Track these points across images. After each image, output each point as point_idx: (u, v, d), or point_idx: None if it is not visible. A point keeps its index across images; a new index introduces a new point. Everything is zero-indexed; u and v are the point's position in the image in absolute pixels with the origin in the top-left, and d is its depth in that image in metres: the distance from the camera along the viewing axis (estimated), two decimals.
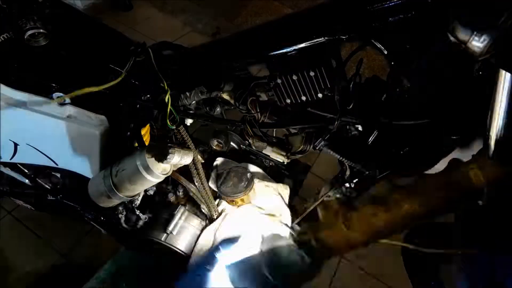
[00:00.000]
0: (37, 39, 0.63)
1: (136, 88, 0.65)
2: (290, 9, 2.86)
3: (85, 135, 0.64)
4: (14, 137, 0.69)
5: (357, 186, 0.70)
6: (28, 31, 0.63)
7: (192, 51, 0.65)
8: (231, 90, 0.69)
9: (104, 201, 0.61)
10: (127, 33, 0.78)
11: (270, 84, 0.58)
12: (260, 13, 2.84)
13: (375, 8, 0.43)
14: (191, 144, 0.64)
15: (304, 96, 0.55)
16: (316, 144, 0.63)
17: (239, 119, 0.67)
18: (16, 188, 1.00)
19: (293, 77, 0.53)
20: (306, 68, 0.52)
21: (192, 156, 0.64)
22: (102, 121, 0.64)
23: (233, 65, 0.61)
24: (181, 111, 0.65)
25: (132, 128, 0.65)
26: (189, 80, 0.66)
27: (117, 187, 0.59)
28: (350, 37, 0.47)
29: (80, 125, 0.63)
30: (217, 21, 2.75)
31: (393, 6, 0.42)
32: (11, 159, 0.74)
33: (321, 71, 0.51)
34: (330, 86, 0.52)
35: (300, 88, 0.54)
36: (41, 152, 0.70)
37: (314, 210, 0.63)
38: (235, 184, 0.77)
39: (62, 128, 0.64)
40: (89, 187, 0.62)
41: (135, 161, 0.57)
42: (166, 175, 0.60)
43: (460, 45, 0.31)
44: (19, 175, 0.94)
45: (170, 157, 0.56)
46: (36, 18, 0.64)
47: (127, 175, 0.58)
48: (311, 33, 0.49)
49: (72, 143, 0.66)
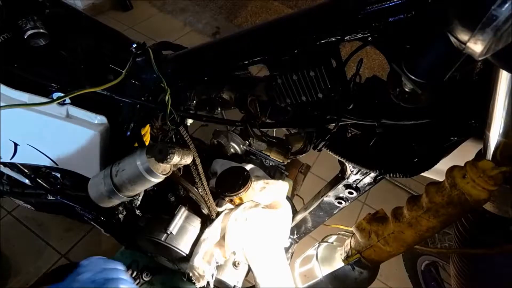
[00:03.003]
0: (37, 39, 0.63)
1: (136, 88, 0.65)
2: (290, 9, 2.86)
3: (85, 135, 0.64)
4: (14, 137, 0.69)
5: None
6: (28, 31, 0.63)
7: (192, 51, 0.65)
8: (231, 90, 0.69)
9: (104, 201, 0.61)
10: (127, 33, 0.78)
11: (270, 84, 0.58)
12: (260, 13, 2.84)
13: (375, 8, 0.43)
14: (191, 144, 0.64)
15: (304, 96, 0.55)
16: (316, 144, 0.63)
17: (239, 119, 0.67)
18: (16, 188, 1.00)
19: (293, 77, 0.53)
20: (306, 68, 0.51)
21: (192, 156, 0.64)
22: (102, 121, 0.64)
23: (233, 65, 0.61)
24: (181, 111, 0.65)
25: (132, 128, 0.65)
26: (189, 80, 0.66)
27: (117, 187, 0.59)
28: (350, 37, 0.47)
29: (80, 125, 0.63)
30: (217, 21, 2.76)
31: (393, 6, 0.42)
32: (11, 159, 0.74)
33: (321, 71, 0.51)
34: (330, 86, 0.52)
35: (300, 88, 0.54)
36: (41, 152, 0.70)
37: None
38: (232, 183, 0.77)
39: (62, 128, 0.64)
40: (89, 187, 0.62)
41: (135, 161, 0.57)
42: (166, 175, 0.60)
43: (460, 45, 0.31)
44: (19, 175, 0.94)
45: (170, 157, 0.56)
46: (36, 18, 0.64)
47: (127, 175, 0.58)
48: (311, 33, 0.49)
49: (72, 143, 0.66)
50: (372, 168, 0.61)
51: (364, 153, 0.61)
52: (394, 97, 0.48)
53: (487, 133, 0.42)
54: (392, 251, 0.57)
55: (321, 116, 0.59)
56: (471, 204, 0.43)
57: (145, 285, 0.88)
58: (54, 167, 0.73)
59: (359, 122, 0.55)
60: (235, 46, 0.59)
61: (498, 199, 0.46)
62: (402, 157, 0.58)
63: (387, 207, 0.61)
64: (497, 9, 0.26)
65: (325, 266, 0.81)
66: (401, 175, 0.59)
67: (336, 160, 0.69)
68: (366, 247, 0.61)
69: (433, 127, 0.53)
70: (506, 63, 0.31)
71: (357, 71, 0.55)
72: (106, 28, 0.79)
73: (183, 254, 0.76)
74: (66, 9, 0.77)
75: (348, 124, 0.60)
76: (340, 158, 0.64)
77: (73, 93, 0.52)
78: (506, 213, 0.47)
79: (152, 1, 2.86)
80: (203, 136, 1.43)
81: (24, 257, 1.37)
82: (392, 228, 0.55)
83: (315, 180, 1.80)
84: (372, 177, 0.68)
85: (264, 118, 0.66)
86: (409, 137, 0.57)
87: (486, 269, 0.54)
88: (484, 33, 0.28)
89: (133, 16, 2.71)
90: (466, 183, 0.43)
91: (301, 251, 0.88)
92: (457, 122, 0.51)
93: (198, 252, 0.73)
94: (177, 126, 0.60)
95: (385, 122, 0.53)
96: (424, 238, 0.52)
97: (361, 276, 0.65)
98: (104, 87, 0.56)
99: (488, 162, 0.43)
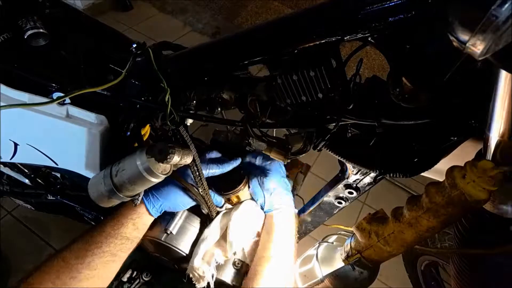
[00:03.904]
0: (37, 39, 0.63)
1: (136, 88, 0.65)
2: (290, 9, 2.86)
3: (85, 135, 0.64)
4: (14, 137, 0.69)
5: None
6: (28, 31, 0.63)
7: (192, 51, 0.65)
8: (231, 90, 0.69)
9: (104, 201, 0.61)
10: (127, 33, 0.78)
11: (270, 84, 0.58)
12: (260, 13, 2.84)
13: (375, 8, 0.43)
14: (191, 144, 0.64)
15: (304, 96, 0.55)
16: (316, 144, 0.63)
17: (239, 119, 0.67)
18: (16, 188, 1.00)
19: (293, 77, 0.53)
20: (306, 68, 0.51)
21: (192, 156, 0.64)
22: (102, 121, 0.64)
23: (233, 65, 0.61)
24: (181, 111, 0.65)
25: (132, 128, 0.65)
26: (189, 80, 0.66)
27: (117, 187, 0.59)
28: (350, 37, 0.47)
29: (80, 125, 0.63)
30: (217, 21, 2.76)
31: (393, 6, 0.42)
32: (11, 159, 0.74)
33: (321, 71, 0.51)
34: (330, 86, 0.52)
35: (300, 88, 0.54)
36: (41, 152, 0.70)
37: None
38: (228, 181, 0.77)
39: (62, 128, 0.64)
40: (89, 187, 0.62)
41: (135, 161, 0.57)
42: (166, 175, 0.60)
43: (460, 45, 0.31)
44: (19, 175, 0.94)
45: (170, 157, 0.56)
46: (36, 18, 0.64)
47: (127, 175, 0.58)
48: (311, 33, 0.49)
49: (72, 143, 0.66)
50: (372, 168, 0.61)
51: (364, 153, 0.61)
52: (394, 97, 0.48)
53: (487, 133, 0.42)
54: (392, 251, 0.57)
55: (321, 116, 0.59)
56: (471, 204, 0.43)
57: (145, 285, 0.88)
58: (54, 167, 0.73)
59: (359, 122, 0.55)
60: (235, 46, 0.59)
61: (498, 199, 0.46)
62: (402, 157, 0.58)
63: (387, 207, 0.61)
64: (497, 9, 0.26)
65: (325, 266, 0.81)
66: (401, 175, 0.59)
67: (336, 160, 0.69)
68: (366, 247, 0.61)
69: (433, 127, 0.53)
70: (506, 63, 0.31)
71: (357, 71, 0.55)
72: (106, 28, 0.79)
73: (183, 254, 0.76)
74: (66, 9, 0.77)
75: (348, 124, 0.60)
76: (340, 158, 0.64)
77: (73, 93, 0.52)
78: (506, 213, 0.47)
79: (152, 1, 2.87)
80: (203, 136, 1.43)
81: (24, 257, 1.37)
82: (392, 228, 0.55)
83: (315, 180, 1.80)
84: (372, 177, 0.68)
85: (264, 118, 0.66)
86: (409, 137, 0.57)
87: (486, 269, 0.54)
88: (484, 33, 0.28)
89: (133, 16, 2.71)
90: (466, 183, 0.43)
91: (301, 251, 0.88)
92: (457, 122, 0.51)
93: (198, 253, 0.73)
94: (177, 126, 0.60)
95: (385, 122, 0.53)
96: (424, 238, 0.52)
97: (361, 276, 0.65)
98: (104, 87, 0.56)
99: (488, 162, 0.43)
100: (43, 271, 0.58)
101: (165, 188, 0.71)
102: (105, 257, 0.62)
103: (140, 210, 0.69)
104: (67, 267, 0.59)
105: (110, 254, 0.63)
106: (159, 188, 0.70)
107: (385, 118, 0.53)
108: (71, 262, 0.59)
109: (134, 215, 0.68)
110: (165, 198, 0.70)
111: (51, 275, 0.57)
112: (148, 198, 0.69)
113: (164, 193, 0.71)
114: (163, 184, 0.70)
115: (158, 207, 0.70)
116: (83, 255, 0.61)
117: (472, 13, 0.29)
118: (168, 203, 0.71)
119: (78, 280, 0.58)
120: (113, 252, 0.63)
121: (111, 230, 0.65)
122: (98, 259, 0.61)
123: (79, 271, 0.59)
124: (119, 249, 0.64)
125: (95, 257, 0.61)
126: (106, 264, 0.62)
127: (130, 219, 0.67)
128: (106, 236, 0.64)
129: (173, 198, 0.71)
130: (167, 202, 0.70)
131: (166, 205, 0.71)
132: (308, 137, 0.64)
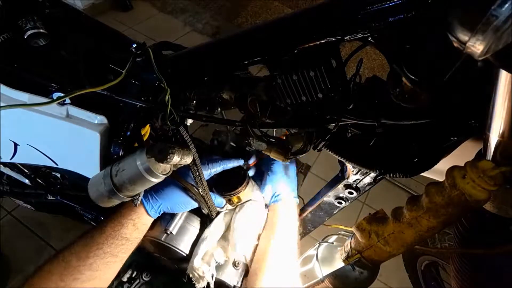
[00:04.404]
0: (37, 39, 0.63)
1: (136, 88, 0.65)
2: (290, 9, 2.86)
3: (85, 135, 0.64)
4: (14, 137, 0.69)
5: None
6: (28, 31, 0.63)
7: (192, 51, 0.65)
8: (231, 90, 0.69)
9: (104, 201, 0.61)
10: (127, 33, 0.78)
11: (270, 84, 0.58)
12: (260, 13, 2.84)
13: (375, 8, 0.43)
14: (191, 144, 0.64)
15: (304, 96, 0.55)
16: (316, 144, 0.63)
17: (239, 119, 0.67)
18: (16, 188, 1.00)
19: (293, 77, 0.53)
20: (306, 68, 0.51)
21: (192, 156, 0.64)
22: (102, 121, 0.64)
23: (233, 65, 0.61)
24: (181, 111, 0.65)
25: (132, 128, 0.65)
26: (189, 80, 0.66)
27: (117, 187, 0.59)
28: (350, 37, 0.47)
29: (80, 125, 0.63)
30: (217, 21, 2.76)
31: (393, 6, 0.42)
32: (11, 159, 0.74)
33: (321, 71, 0.51)
34: (330, 86, 0.52)
35: (300, 88, 0.54)
36: (41, 152, 0.70)
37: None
38: (229, 182, 0.77)
39: (62, 128, 0.64)
40: (89, 187, 0.62)
41: (135, 161, 0.57)
42: (166, 175, 0.60)
43: (460, 45, 0.31)
44: (19, 175, 0.94)
45: (170, 157, 0.56)
46: (36, 18, 0.64)
47: (127, 175, 0.58)
48: (311, 33, 0.49)
49: (72, 143, 0.66)
50: (372, 168, 0.61)
51: (364, 153, 0.61)
52: (394, 97, 0.48)
53: (487, 133, 0.42)
54: (392, 251, 0.57)
55: (321, 116, 0.59)
56: (471, 204, 0.43)
57: (145, 285, 0.88)
58: (54, 167, 0.73)
59: (359, 122, 0.55)
60: (235, 46, 0.59)
61: (498, 199, 0.46)
62: (402, 157, 0.58)
63: (387, 207, 0.61)
64: (497, 9, 0.26)
65: (325, 266, 0.81)
66: (401, 175, 0.59)
67: (336, 160, 0.69)
68: (366, 247, 0.61)
69: (433, 127, 0.53)
70: (506, 63, 0.31)
71: (357, 71, 0.55)
72: (106, 28, 0.79)
73: (183, 254, 0.76)
74: (66, 9, 0.77)
75: (348, 124, 0.60)
76: (340, 158, 0.64)
77: (73, 93, 0.52)
78: (506, 213, 0.47)
79: (152, 1, 2.87)
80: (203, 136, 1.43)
81: (24, 257, 1.37)
82: (392, 228, 0.55)
83: (315, 180, 1.80)
84: (372, 177, 0.68)
85: (264, 118, 0.66)
86: (409, 137, 0.57)
87: (486, 269, 0.54)
88: (484, 33, 0.28)
89: (133, 16, 2.72)
90: (466, 183, 0.43)
91: (301, 251, 0.88)
92: (457, 122, 0.51)
93: (198, 253, 0.73)
94: (177, 126, 0.60)
95: (385, 122, 0.53)
96: (424, 238, 0.52)
97: (361, 276, 0.65)
98: (104, 87, 0.56)
99: (488, 162, 0.43)
100: (45, 272, 0.58)
101: (164, 189, 0.71)
102: (106, 258, 0.62)
103: (140, 211, 0.69)
104: (70, 269, 0.59)
105: (111, 255, 0.63)
106: (158, 188, 0.70)
107: (385, 118, 0.52)
108: (73, 263, 0.60)
109: (134, 215, 0.68)
110: (164, 199, 0.70)
111: (54, 277, 0.57)
112: (147, 199, 0.69)
113: (163, 194, 0.70)
114: (163, 185, 0.70)
115: (157, 208, 0.70)
116: (85, 256, 0.61)
117: (472, 13, 0.29)
118: (168, 204, 0.71)
119: (81, 281, 0.59)
120: (114, 253, 0.63)
121: (112, 231, 0.65)
122: (100, 260, 0.61)
123: (81, 272, 0.59)
124: (120, 250, 0.65)
125: (97, 258, 0.61)
126: (107, 265, 0.62)
127: (130, 219, 0.67)
128: (107, 237, 0.64)
129: (172, 199, 0.71)
130: (166, 203, 0.70)
131: (165, 206, 0.71)
132: (308, 137, 0.64)
